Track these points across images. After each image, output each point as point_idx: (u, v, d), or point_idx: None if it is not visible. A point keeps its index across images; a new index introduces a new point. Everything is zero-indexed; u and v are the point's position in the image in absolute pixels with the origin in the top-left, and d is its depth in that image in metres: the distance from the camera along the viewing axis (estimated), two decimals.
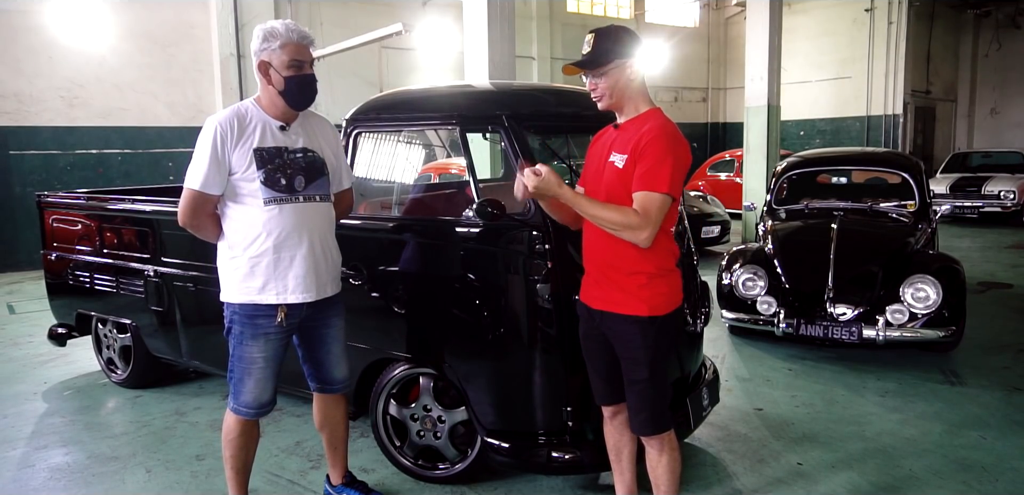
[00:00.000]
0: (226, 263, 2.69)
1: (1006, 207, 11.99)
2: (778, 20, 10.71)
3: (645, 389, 2.42)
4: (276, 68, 2.59)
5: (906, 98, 16.93)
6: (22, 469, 3.70)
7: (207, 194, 2.58)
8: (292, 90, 2.61)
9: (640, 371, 2.41)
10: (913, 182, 6.17)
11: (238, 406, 2.74)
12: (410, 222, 3.56)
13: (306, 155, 2.70)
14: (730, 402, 4.29)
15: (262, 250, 2.61)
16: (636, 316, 2.38)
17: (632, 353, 2.42)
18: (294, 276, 2.65)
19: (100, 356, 5.01)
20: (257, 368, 2.70)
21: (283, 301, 2.65)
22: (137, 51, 10.65)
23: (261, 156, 2.59)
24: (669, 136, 2.31)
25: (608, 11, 18.08)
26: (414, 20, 12.39)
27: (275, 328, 2.67)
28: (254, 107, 2.67)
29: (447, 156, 7.98)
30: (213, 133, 2.55)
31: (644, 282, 2.38)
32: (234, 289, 2.67)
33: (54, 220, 5.02)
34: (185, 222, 2.66)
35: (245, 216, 2.62)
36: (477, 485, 3.30)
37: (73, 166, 10.32)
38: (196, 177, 2.56)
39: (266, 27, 2.61)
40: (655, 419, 2.46)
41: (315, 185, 2.71)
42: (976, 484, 3.29)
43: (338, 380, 2.96)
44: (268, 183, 2.59)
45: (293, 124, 2.71)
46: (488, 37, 7.43)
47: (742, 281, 5.29)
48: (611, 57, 2.36)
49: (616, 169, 2.36)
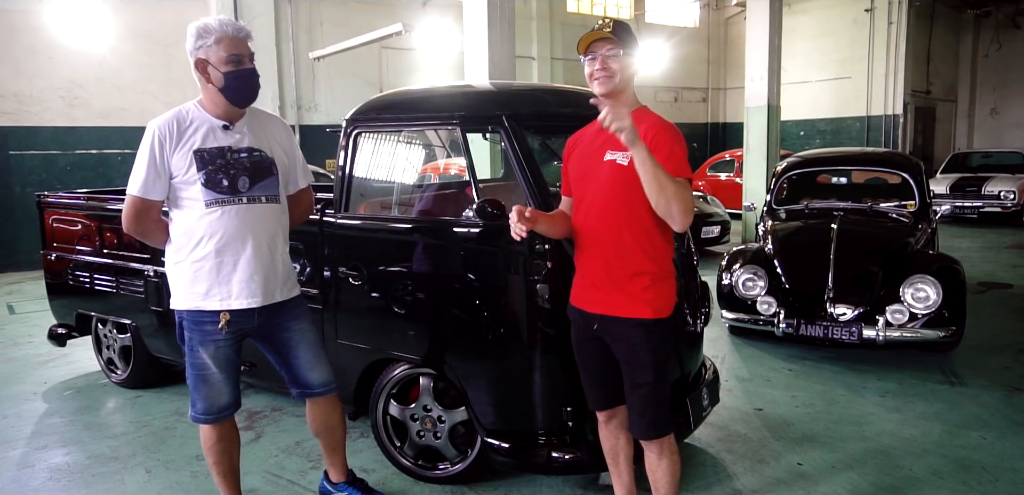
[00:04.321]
0: (171, 268, 2.64)
1: (1006, 207, 11.98)
2: (778, 20, 10.71)
3: (650, 392, 2.40)
4: (214, 65, 2.53)
5: (906, 98, 16.93)
6: (22, 469, 3.70)
7: (148, 199, 2.53)
8: (232, 86, 2.55)
9: (645, 375, 2.39)
10: (913, 182, 6.17)
11: (196, 414, 2.71)
12: (410, 222, 3.56)
13: (252, 155, 2.62)
14: (730, 402, 4.29)
15: (204, 254, 2.54)
16: (641, 319, 2.37)
17: (636, 357, 2.40)
18: (238, 280, 2.57)
19: (100, 356, 5.00)
20: (210, 373, 2.65)
21: (227, 307, 2.57)
22: (137, 51, 10.65)
23: (202, 157, 2.52)
24: (672, 130, 2.36)
25: (608, 11, 18.07)
26: (414, 20, 12.38)
27: (222, 335, 2.60)
28: (196, 108, 2.61)
29: (447, 156, 7.98)
30: (151, 138, 2.51)
31: (648, 284, 2.37)
32: (180, 295, 2.61)
33: (54, 220, 5.02)
34: (129, 228, 2.60)
35: (187, 220, 2.56)
36: (477, 485, 3.30)
37: (73, 166, 10.32)
38: (136, 183, 2.52)
39: (199, 24, 2.55)
40: (658, 423, 2.45)
41: (261, 185, 2.62)
42: (976, 484, 3.29)
43: (316, 383, 2.87)
44: (209, 185, 2.52)
45: (238, 123, 2.63)
46: (488, 37, 7.43)
47: (742, 281, 5.29)
48: (629, 42, 2.40)
49: (619, 166, 2.35)
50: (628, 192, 2.32)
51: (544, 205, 2.88)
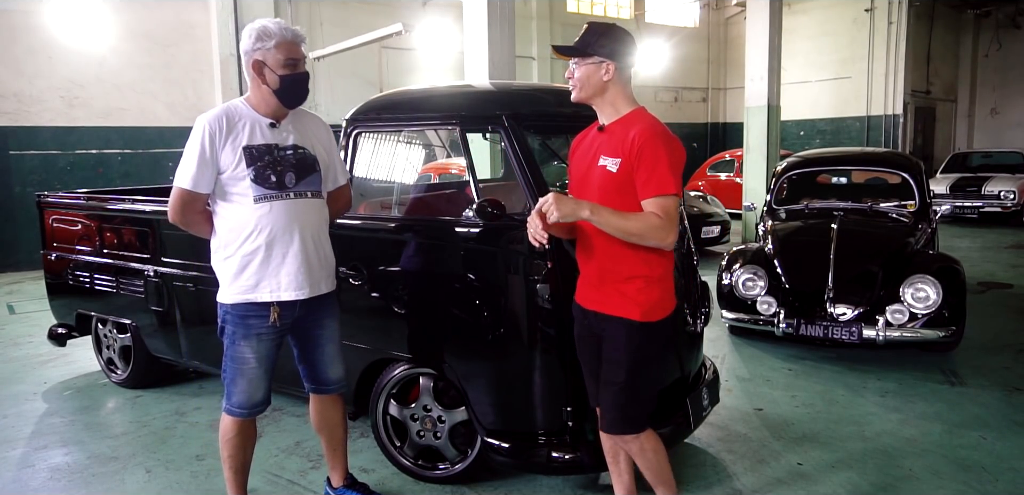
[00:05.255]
0: (220, 263, 2.70)
1: (1006, 207, 11.98)
2: (778, 20, 10.71)
3: (620, 391, 2.42)
4: (271, 67, 2.60)
5: (906, 98, 16.93)
6: (22, 469, 3.70)
7: (196, 193, 2.60)
8: (287, 89, 2.63)
9: (618, 373, 2.42)
10: (913, 182, 6.17)
11: (231, 407, 2.75)
12: (410, 222, 3.56)
13: (297, 152, 2.70)
14: (730, 402, 4.29)
15: (254, 248, 2.61)
16: (626, 319, 2.39)
17: (613, 354, 2.43)
18: (287, 273, 2.65)
19: (100, 356, 5.00)
20: (249, 368, 2.70)
21: (276, 299, 2.65)
22: (137, 51, 10.64)
23: (251, 153, 2.60)
24: (660, 136, 2.31)
25: (608, 11, 18.08)
26: (414, 20, 12.38)
27: (268, 328, 2.67)
28: (244, 106, 2.68)
29: (447, 156, 7.98)
30: (202, 132, 2.57)
31: (642, 286, 2.38)
32: (228, 289, 2.67)
33: (54, 220, 5.02)
34: (174, 219, 2.68)
35: (236, 214, 2.62)
36: (477, 485, 3.30)
37: (73, 166, 10.31)
38: (185, 176, 2.58)
39: (258, 27, 2.62)
40: (625, 420, 2.47)
41: (306, 181, 2.71)
42: (976, 484, 3.29)
43: (332, 380, 2.95)
44: (258, 180, 2.60)
45: (284, 121, 2.71)
46: (488, 37, 7.43)
47: (742, 281, 5.29)
48: (591, 51, 2.38)
49: (608, 172, 2.36)
50: (618, 197, 2.33)
51: None
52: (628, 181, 2.32)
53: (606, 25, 2.45)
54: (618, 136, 2.37)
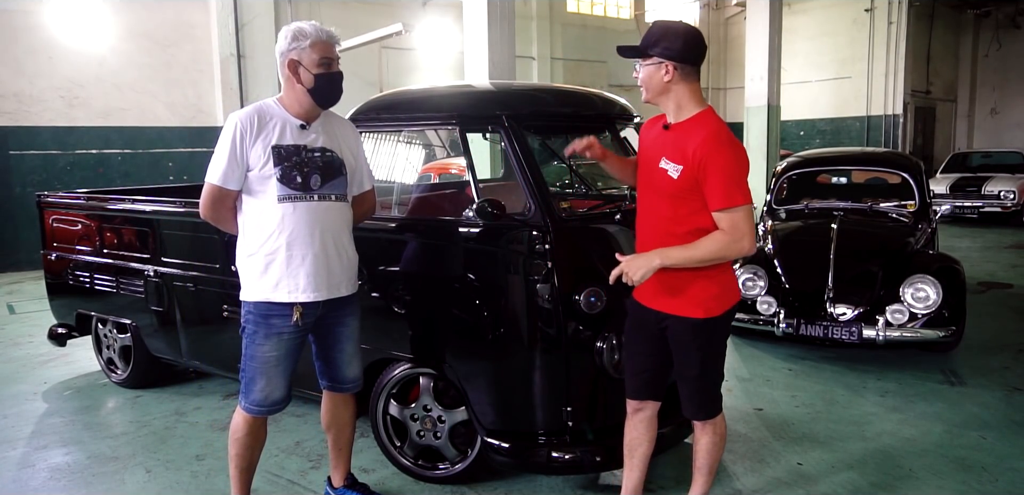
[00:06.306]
0: (243, 261, 2.71)
1: (1006, 207, 11.98)
2: (778, 20, 10.73)
3: (694, 382, 2.54)
4: (306, 66, 2.62)
5: (906, 98, 16.93)
6: (22, 469, 3.70)
7: (226, 189, 2.63)
8: (322, 88, 2.66)
9: (692, 369, 2.52)
10: (913, 182, 6.17)
11: (248, 404, 2.75)
12: (410, 222, 3.56)
13: (325, 154, 2.72)
14: (730, 402, 4.29)
15: (275, 247, 2.63)
16: (690, 318, 2.44)
17: (684, 353, 2.51)
18: (305, 274, 2.66)
19: (100, 356, 5.00)
20: (269, 367, 2.71)
21: (295, 299, 2.66)
22: (137, 51, 10.65)
23: (279, 153, 2.62)
24: (724, 144, 2.32)
25: (608, 11, 18.08)
26: (414, 20, 12.39)
27: (289, 327, 2.69)
28: (276, 105, 2.71)
29: (447, 156, 7.98)
30: (233, 129, 2.59)
31: (704, 285, 2.42)
32: (251, 287, 2.69)
33: (54, 220, 5.02)
34: (206, 215, 2.71)
35: (260, 212, 2.64)
36: (477, 485, 3.30)
37: (73, 166, 10.31)
38: (216, 172, 2.61)
39: (294, 28, 2.66)
40: (705, 406, 2.58)
41: (331, 185, 2.72)
42: (976, 484, 3.29)
43: (350, 379, 2.96)
44: (283, 180, 2.61)
45: (314, 123, 2.73)
46: (488, 37, 7.44)
47: (742, 281, 5.29)
48: (650, 51, 2.39)
49: (669, 178, 2.37)
50: (675, 202, 2.37)
51: (544, 205, 2.89)
52: (687, 190, 2.34)
53: (667, 23, 2.43)
54: (681, 140, 2.37)
